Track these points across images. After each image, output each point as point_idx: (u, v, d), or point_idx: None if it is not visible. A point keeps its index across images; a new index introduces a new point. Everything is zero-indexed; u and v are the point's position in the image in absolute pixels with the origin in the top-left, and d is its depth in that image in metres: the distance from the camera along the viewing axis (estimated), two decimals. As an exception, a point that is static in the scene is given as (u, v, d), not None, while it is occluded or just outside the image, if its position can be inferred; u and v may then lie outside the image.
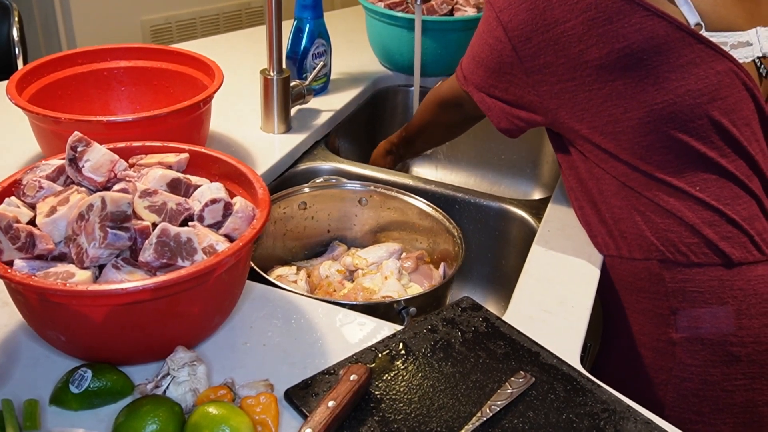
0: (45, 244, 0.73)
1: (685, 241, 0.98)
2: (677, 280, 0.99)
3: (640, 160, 0.96)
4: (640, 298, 1.04)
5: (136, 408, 0.68)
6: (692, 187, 0.96)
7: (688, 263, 0.98)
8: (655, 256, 1.00)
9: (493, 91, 1.05)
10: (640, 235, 1.01)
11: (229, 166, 0.88)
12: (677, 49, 0.90)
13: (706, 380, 1.01)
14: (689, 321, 1.00)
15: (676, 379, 1.02)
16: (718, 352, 0.99)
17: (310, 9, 1.44)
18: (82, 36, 2.60)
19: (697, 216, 0.97)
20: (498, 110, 1.06)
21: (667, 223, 0.98)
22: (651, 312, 1.03)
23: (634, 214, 1.00)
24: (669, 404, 1.03)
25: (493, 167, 1.68)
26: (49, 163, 0.84)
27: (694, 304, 0.99)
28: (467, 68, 1.10)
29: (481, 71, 1.05)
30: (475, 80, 1.07)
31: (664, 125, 0.93)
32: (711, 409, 1.02)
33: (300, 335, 0.85)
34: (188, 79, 1.24)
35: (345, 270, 1.16)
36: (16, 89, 1.07)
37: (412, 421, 0.73)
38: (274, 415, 0.71)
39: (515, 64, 0.99)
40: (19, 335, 0.81)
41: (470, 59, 1.08)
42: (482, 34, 1.04)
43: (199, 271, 0.69)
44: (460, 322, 0.88)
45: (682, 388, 1.02)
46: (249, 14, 3.11)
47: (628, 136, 0.95)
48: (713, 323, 0.98)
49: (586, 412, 0.76)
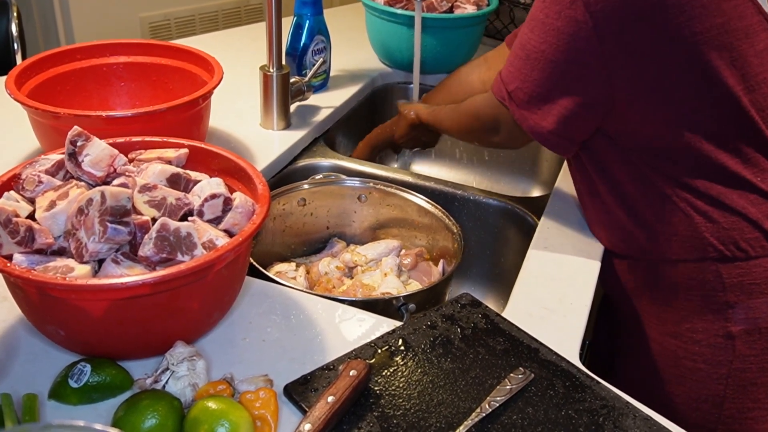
0: (44, 238, 0.73)
1: (746, 236, 0.95)
2: (734, 275, 0.97)
3: (708, 156, 0.92)
4: (690, 296, 1.00)
5: (136, 402, 0.67)
6: (756, 177, 0.93)
7: (746, 257, 0.96)
8: (711, 256, 0.97)
9: (550, 96, 0.95)
10: (696, 237, 0.97)
11: (228, 162, 0.88)
12: (757, 33, 0.88)
13: (763, 368, 0.99)
14: (747, 313, 0.98)
15: (736, 371, 1.00)
16: None
17: (309, 5, 1.44)
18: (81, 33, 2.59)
19: (759, 210, 0.94)
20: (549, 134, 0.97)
21: (730, 220, 0.95)
22: (704, 308, 1.00)
23: (691, 215, 0.96)
24: (729, 396, 1.01)
25: (492, 165, 1.68)
26: (48, 158, 0.83)
27: (751, 296, 0.97)
28: (514, 79, 0.97)
29: (538, 72, 0.94)
30: (527, 89, 0.96)
31: (739, 113, 0.90)
32: (766, 393, 1.01)
33: (299, 331, 0.85)
34: (187, 75, 1.23)
35: (344, 267, 1.16)
36: (15, 84, 1.07)
37: (412, 417, 0.73)
38: (274, 410, 0.71)
39: (591, 49, 0.88)
40: (18, 330, 0.81)
41: (521, 64, 0.96)
42: (544, 20, 0.92)
43: (199, 266, 0.69)
44: (460, 319, 0.88)
45: (742, 379, 1.00)
46: (248, 11, 3.11)
47: (703, 128, 0.91)
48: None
49: (585, 408, 0.76)
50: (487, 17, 1.69)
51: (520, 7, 1.82)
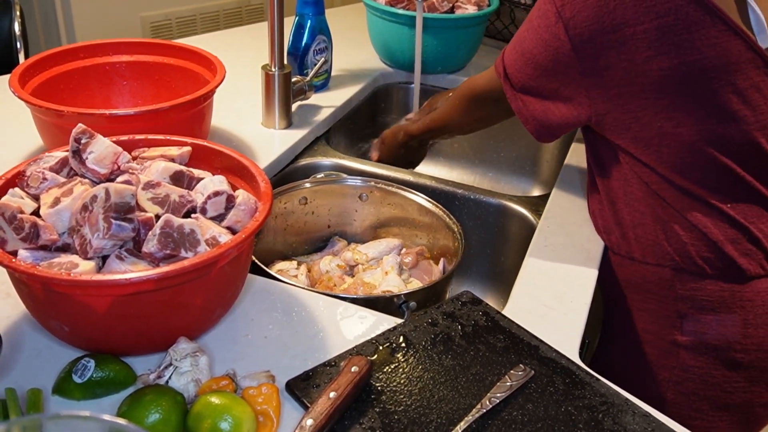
0: (49, 234, 0.74)
1: (703, 255, 0.97)
2: (688, 288, 1.00)
3: (678, 175, 0.95)
4: (647, 298, 1.04)
5: (139, 397, 0.68)
6: (724, 204, 0.95)
7: (702, 274, 0.99)
8: (668, 264, 1.00)
9: (540, 91, 0.99)
10: (657, 243, 1.00)
11: (231, 160, 0.89)
12: (745, 71, 0.87)
13: (706, 381, 1.02)
14: (696, 326, 1.00)
15: (677, 378, 1.03)
16: (721, 357, 1.00)
17: (311, 5, 1.44)
18: (82, 32, 2.60)
19: (721, 233, 0.96)
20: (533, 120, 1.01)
21: (689, 236, 0.97)
22: (657, 313, 1.03)
23: (655, 223, 1.00)
24: (669, 401, 1.05)
25: (492, 164, 1.69)
26: (52, 155, 0.84)
27: (702, 311, 1.00)
28: (512, 65, 1.02)
29: (530, 69, 0.99)
30: (521, 78, 1.01)
31: (712, 146, 0.91)
32: (710, 407, 1.04)
33: (301, 328, 0.86)
34: (190, 73, 1.24)
35: (345, 265, 1.17)
36: (18, 82, 1.08)
37: (413, 413, 0.74)
38: (276, 405, 0.72)
39: (572, 64, 0.93)
40: (22, 326, 0.82)
41: (518, 55, 1.01)
42: (537, 28, 0.96)
43: (202, 263, 0.70)
44: (460, 316, 0.88)
45: (683, 387, 1.03)
46: (249, 11, 3.11)
47: (673, 150, 0.93)
48: (719, 330, 0.99)
49: (585, 404, 0.76)
50: (488, 18, 1.70)
51: (520, 8, 1.83)
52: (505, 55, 1.04)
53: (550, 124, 1.00)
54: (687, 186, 0.95)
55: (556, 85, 0.97)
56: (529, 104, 1.01)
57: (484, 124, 1.28)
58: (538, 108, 1.00)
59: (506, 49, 1.05)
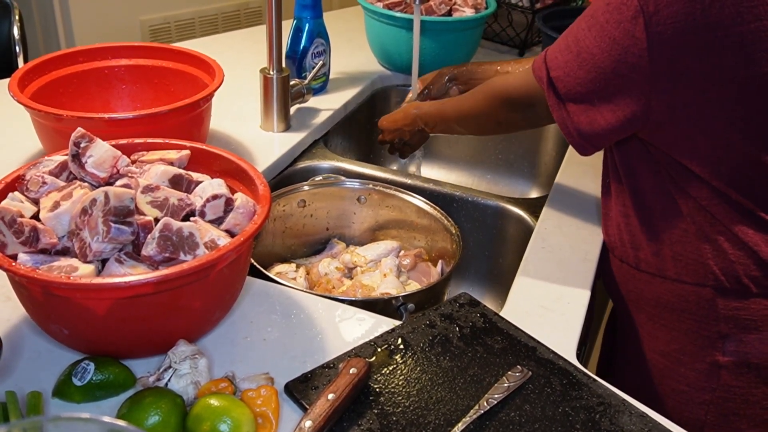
0: (48, 238, 0.74)
1: (751, 273, 0.93)
2: (731, 307, 0.95)
3: (733, 189, 0.90)
4: (683, 318, 0.99)
5: (139, 400, 0.68)
6: None
7: (746, 293, 0.94)
8: (710, 284, 0.95)
9: (589, 97, 0.90)
10: (699, 262, 0.95)
11: (230, 163, 0.89)
12: None
13: (747, 400, 0.99)
14: (738, 346, 0.96)
15: (719, 399, 0.99)
16: (763, 375, 0.97)
17: (309, 8, 1.45)
18: (81, 36, 2.60)
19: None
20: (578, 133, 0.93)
21: (737, 254, 0.93)
22: (695, 333, 0.99)
23: (700, 240, 0.94)
24: (710, 423, 1.01)
25: (490, 166, 1.69)
26: (52, 159, 0.84)
27: (745, 330, 0.96)
28: (561, 67, 0.92)
29: (584, 72, 0.89)
30: (570, 84, 0.91)
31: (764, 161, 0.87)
32: (749, 425, 1.00)
33: (300, 330, 0.86)
34: (189, 77, 1.24)
35: (344, 267, 1.17)
36: (18, 86, 1.08)
37: (411, 414, 0.74)
38: (275, 407, 0.72)
39: (640, 66, 0.84)
40: (22, 329, 0.82)
41: (571, 56, 0.91)
42: (603, 25, 0.87)
43: (201, 265, 0.70)
44: (458, 318, 0.89)
45: (724, 408, 0.99)
46: (248, 14, 3.12)
47: (734, 164, 0.88)
48: (762, 348, 0.96)
49: (582, 405, 0.77)
50: (486, 20, 1.70)
51: (518, 11, 1.84)
52: (549, 57, 0.95)
53: (594, 136, 0.93)
54: (741, 201, 0.90)
55: (612, 90, 0.88)
56: (574, 114, 0.93)
57: (504, 130, 1.21)
58: (583, 119, 0.92)
59: (550, 50, 0.95)
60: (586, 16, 0.90)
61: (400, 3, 1.60)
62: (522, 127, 1.14)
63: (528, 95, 1.01)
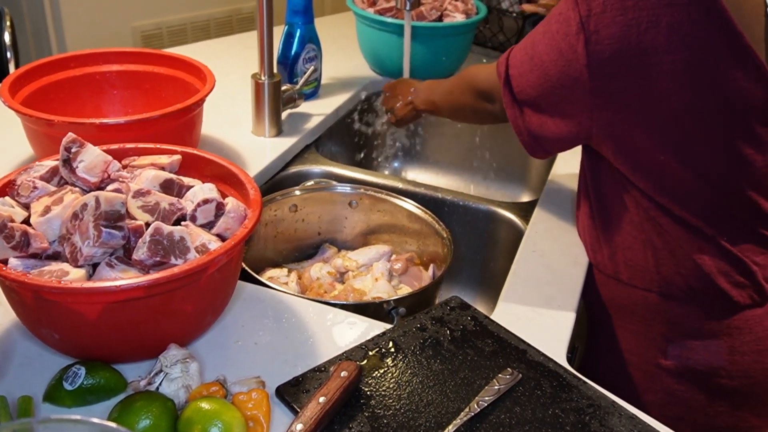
0: (39, 242, 0.74)
1: (693, 285, 0.96)
2: (675, 313, 0.98)
3: (677, 205, 0.92)
4: (633, 320, 1.03)
5: (130, 404, 0.68)
6: (721, 236, 0.93)
7: (689, 302, 0.97)
8: (655, 290, 0.98)
9: (540, 102, 0.93)
10: (646, 269, 0.98)
11: (221, 168, 0.90)
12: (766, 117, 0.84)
13: (690, 406, 1.01)
14: (681, 351, 0.99)
15: (661, 401, 1.02)
16: (706, 383, 0.99)
17: (300, 14, 1.45)
18: (73, 42, 2.60)
19: (715, 265, 0.94)
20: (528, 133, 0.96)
21: (681, 266, 0.95)
22: (642, 335, 1.02)
23: (647, 248, 0.97)
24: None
25: (481, 170, 1.70)
26: (42, 164, 0.85)
27: (688, 336, 0.98)
28: (517, 67, 0.95)
29: (535, 77, 0.92)
30: (522, 85, 0.94)
31: (714, 185, 0.89)
32: (692, 430, 1.02)
33: (291, 334, 0.86)
34: (180, 82, 1.25)
35: (335, 272, 1.18)
36: (9, 92, 1.08)
37: (402, 417, 0.74)
38: (266, 411, 0.72)
39: (581, 81, 0.87)
40: (12, 334, 0.82)
41: (526, 58, 0.94)
42: (553, 34, 0.89)
43: (192, 269, 0.70)
44: (449, 321, 0.89)
45: (667, 410, 1.02)
46: (239, 20, 3.12)
47: (675, 182, 0.90)
48: (705, 356, 0.98)
49: (572, 407, 0.77)
50: (477, 26, 1.71)
51: (508, 16, 1.85)
52: (510, 56, 0.97)
53: (544, 140, 0.96)
54: (685, 216, 0.92)
55: (558, 99, 0.91)
56: (526, 115, 0.96)
57: (480, 120, 1.24)
58: (534, 121, 0.95)
59: (513, 49, 0.98)
60: (546, 20, 0.92)
61: (392, 9, 1.61)
62: (493, 120, 1.15)
63: (492, 87, 1.04)
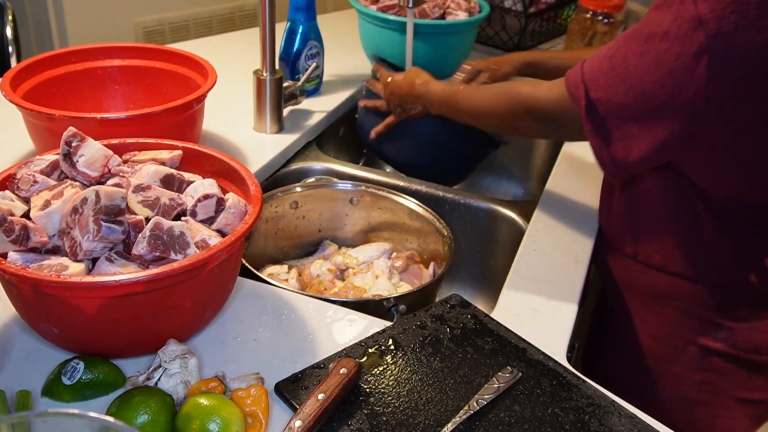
0: (39, 236, 0.74)
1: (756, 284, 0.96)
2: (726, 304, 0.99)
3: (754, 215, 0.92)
4: (678, 306, 1.02)
5: (128, 399, 0.68)
6: None
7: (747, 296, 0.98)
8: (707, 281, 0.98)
9: (628, 125, 0.85)
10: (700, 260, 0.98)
11: (222, 163, 0.89)
12: None
13: (735, 380, 1.03)
14: (729, 334, 1.00)
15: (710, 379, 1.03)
16: (749, 360, 1.01)
17: (303, 11, 1.45)
18: (75, 37, 2.60)
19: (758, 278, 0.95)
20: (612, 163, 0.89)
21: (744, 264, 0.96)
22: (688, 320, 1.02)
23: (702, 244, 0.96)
24: (702, 401, 1.04)
25: (483, 168, 1.69)
26: (43, 158, 0.84)
27: (736, 320, 0.99)
28: (605, 90, 0.86)
29: (630, 99, 0.84)
30: (611, 109, 0.86)
31: None
32: (735, 403, 1.04)
33: (290, 331, 0.86)
34: (182, 78, 1.25)
35: (336, 269, 1.17)
36: (10, 86, 1.08)
37: (401, 414, 0.74)
38: (265, 407, 0.72)
39: (694, 103, 0.80)
40: (12, 328, 0.82)
41: (618, 81, 0.84)
42: (661, 54, 0.80)
43: (192, 265, 0.70)
44: (449, 319, 0.89)
45: (715, 386, 1.03)
46: (242, 17, 3.12)
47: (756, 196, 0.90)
48: (750, 337, 1.00)
49: (572, 406, 0.77)
50: (479, 24, 1.71)
51: (511, 15, 1.84)
52: (587, 77, 0.88)
53: (629, 165, 0.88)
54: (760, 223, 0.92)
55: (656, 120, 0.83)
56: (611, 142, 0.87)
57: (519, 135, 1.14)
58: (620, 148, 0.87)
59: (588, 68, 0.89)
60: (638, 38, 0.83)
61: (394, 6, 1.60)
62: (540, 137, 1.10)
63: (557, 111, 0.95)
